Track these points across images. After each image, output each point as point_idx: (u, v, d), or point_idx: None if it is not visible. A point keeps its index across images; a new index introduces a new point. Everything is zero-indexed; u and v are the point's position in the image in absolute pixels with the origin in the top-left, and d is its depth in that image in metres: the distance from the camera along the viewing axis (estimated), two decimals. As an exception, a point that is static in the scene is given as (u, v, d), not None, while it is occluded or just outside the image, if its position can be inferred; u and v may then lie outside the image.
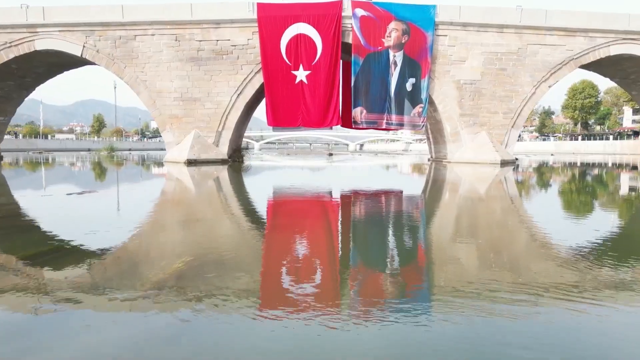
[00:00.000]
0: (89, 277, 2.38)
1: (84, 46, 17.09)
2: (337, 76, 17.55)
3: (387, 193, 7.28)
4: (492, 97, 17.66)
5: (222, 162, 16.61)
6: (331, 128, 19.34)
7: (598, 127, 56.06)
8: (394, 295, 2.11)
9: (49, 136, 66.70)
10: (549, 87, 18.11)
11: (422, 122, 18.18)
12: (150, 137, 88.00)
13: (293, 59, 17.18)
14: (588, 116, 51.97)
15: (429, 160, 21.36)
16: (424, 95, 17.94)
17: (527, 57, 17.57)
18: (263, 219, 4.44)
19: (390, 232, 3.79)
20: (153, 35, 16.97)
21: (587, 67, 18.38)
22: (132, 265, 2.65)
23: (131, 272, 2.51)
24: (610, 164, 18.54)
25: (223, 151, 17.50)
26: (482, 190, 7.90)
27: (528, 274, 2.51)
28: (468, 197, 6.79)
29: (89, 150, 41.43)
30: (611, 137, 44.07)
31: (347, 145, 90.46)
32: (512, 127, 18.24)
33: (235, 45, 17.31)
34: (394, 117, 18.48)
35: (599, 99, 51.29)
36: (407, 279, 2.39)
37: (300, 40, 16.99)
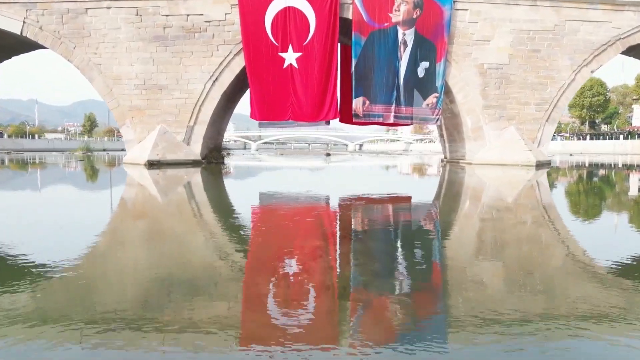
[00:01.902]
0: (28, 306, 2.02)
1: (24, 22, 15.18)
2: (334, 59, 15.76)
3: (393, 201, 6.37)
4: (522, 84, 15.91)
5: (193, 163, 15.14)
6: (328, 123, 17.58)
7: (604, 127, 52.20)
8: (403, 328, 1.80)
9: (37, 136, 69.47)
10: (592, 72, 16.61)
11: (437, 115, 16.34)
12: None
13: (280, 38, 15.36)
14: (596, 115, 48.29)
15: (442, 161, 20.30)
16: (439, 83, 15.99)
17: (566, 36, 15.71)
18: (244, 234, 3.83)
19: (398, 249, 3.25)
20: (108, 8, 15.16)
21: (631, 49, 16.73)
22: (84, 291, 2.23)
23: (82, 299, 2.10)
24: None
25: (195, 150, 15.82)
26: (517, 200, 6.87)
27: (566, 300, 2.12)
28: (497, 206, 5.85)
29: (62, 151, 41.63)
30: (621, 136, 44.75)
31: (347, 145, 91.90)
32: (547, 121, 16.34)
33: (209, 21, 15.38)
34: (403, 110, 16.39)
35: (608, 97, 47.50)
36: (419, 309, 2.02)
37: (289, 15, 15.20)
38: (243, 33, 14.88)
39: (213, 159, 16.94)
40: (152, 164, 13.95)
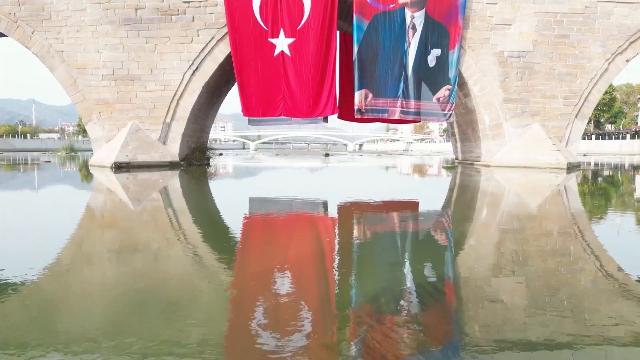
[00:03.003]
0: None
1: (-26, 2, 14.17)
2: (332, 46, 14.48)
3: (398, 208, 6.11)
4: (548, 75, 14.72)
5: (170, 165, 14.26)
6: (325, 120, 16.14)
7: (609, 126, 50.60)
8: (412, 356, 1.70)
9: (30, 136, 72.53)
10: (627, 61, 15.10)
11: (449, 110, 15.12)
12: None
13: (271, 21, 14.12)
14: (601, 114, 46.60)
15: (452, 162, 19.65)
16: (452, 73, 14.74)
17: (598, 20, 14.45)
18: (228, 248, 3.56)
19: (406, 265, 3.05)
20: (72, -14, 14.11)
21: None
22: (43, 314, 2.11)
23: (41, 324, 2.00)
24: None
25: (173, 151, 14.70)
26: (543, 207, 6.51)
27: (598, 324, 2.01)
28: (519, 215, 5.65)
29: (45, 151, 43.00)
30: (627, 136, 44.68)
31: (346, 145, 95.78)
32: (576, 117, 15.07)
33: (188, 2, 14.05)
34: (412, 104, 14.98)
35: (613, 95, 45.83)
36: (431, 334, 1.91)
37: (280, -6, 14.23)
38: (227, 15, 13.87)
39: (195, 160, 16.01)
40: (119, 167, 13.09)
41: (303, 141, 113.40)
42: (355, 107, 14.62)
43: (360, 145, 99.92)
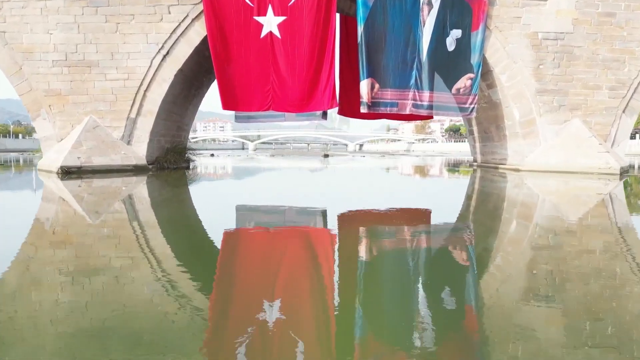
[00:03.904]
0: None
1: None
2: (331, 28, 14.56)
3: (408, 219, 6.20)
4: (591, 61, 14.86)
5: (135, 170, 14.27)
6: (324, 116, 16.43)
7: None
8: None
9: (21, 136, 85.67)
10: None
11: (472, 103, 15.22)
12: None
13: None
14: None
15: (470, 165, 20.05)
16: (475, 59, 14.87)
17: None
18: (205, 270, 3.56)
19: (420, 288, 3.08)
20: (16, -48, 14.23)
21: None
22: None
23: None
24: None
25: (139, 152, 14.76)
26: (586, 220, 6.62)
27: None
28: (555, 229, 5.66)
29: (22, 152, 52.32)
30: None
31: (346, 145, 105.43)
32: (624, 111, 15.21)
33: None
34: (426, 96, 15.12)
35: None
36: None
37: (268, -37, 14.45)
38: (205, -11, 14.14)
39: (169, 163, 16.08)
40: (68, 172, 12.96)
41: (303, 141, 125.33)
42: (361, 100, 14.69)
43: (361, 146, 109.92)
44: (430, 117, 17.20)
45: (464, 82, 14.79)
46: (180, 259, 3.87)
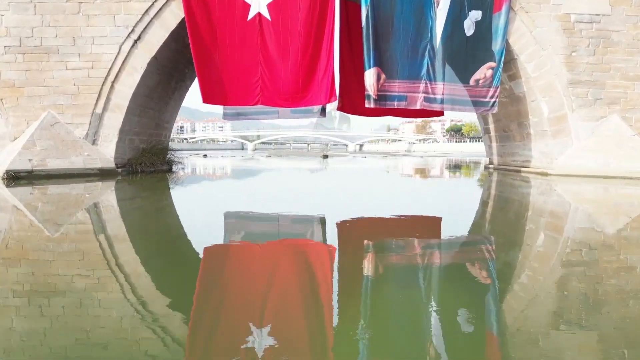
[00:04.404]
0: None
1: None
2: (329, 9, 14.67)
3: (419, 230, 6.37)
4: (631, 47, 14.92)
5: (100, 174, 14.31)
6: (323, 113, 16.61)
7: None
8: None
9: None
10: None
11: (493, 97, 15.30)
12: None
13: None
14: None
15: (486, 168, 20.15)
16: (497, 45, 14.96)
17: None
18: (183, 291, 3.53)
19: (433, 312, 3.09)
20: None
21: None
22: None
23: None
24: None
25: (106, 153, 14.83)
26: (624, 231, 6.60)
27: None
28: (589, 242, 5.66)
29: None
30: None
31: (346, 145, 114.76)
32: None
33: None
34: (439, 88, 15.23)
35: None
36: None
37: None
38: (182, -37, 14.23)
39: (144, 165, 16.15)
40: (15, 177, 12.93)
41: (303, 141, 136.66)
42: (366, 92, 14.71)
43: (361, 146, 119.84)
44: (441, 113, 17.34)
45: (483, 72, 14.79)
46: (154, 279, 3.86)
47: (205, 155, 42.31)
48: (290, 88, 14.74)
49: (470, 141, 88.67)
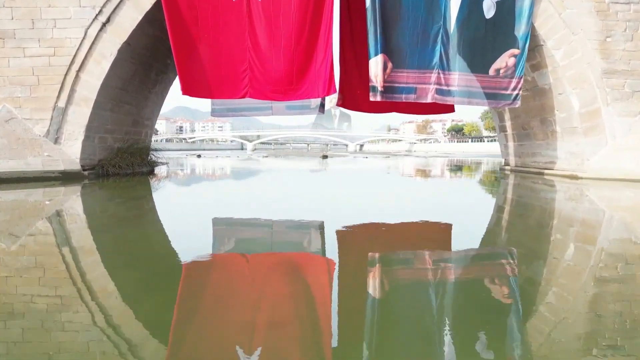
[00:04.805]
0: None
1: None
2: None
3: (428, 238, 6.11)
4: None
5: (62, 177, 13.21)
6: (322, 109, 15.53)
7: None
8: None
9: None
10: None
11: (516, 89, 14.03)
12: None
13: None
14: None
15: (501, 170, 19.40)
16: (521, 30, 13.81)
17: None
18: (161, 310, 3.45)
19: (447, 335, 2.94)
20: None
21: None
22: None
23: None
24: None
25: (70, 153, 13.69)
26: None
27: None
28: (626, 255, 5.44)
29: None
30: None
31: (347, 145, 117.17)
32: None
33: None
34: (454, 78, 13.96)
35: None
36: None
37: None
38: None
39: (118, 167, 15.20)
40: None
41: (303, 141, 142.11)
42: (371, 84, 13.83)
43: (361, 146, 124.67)
44: (451, 109, 16.67)
45: (505, 60, 13.90)
46: (126, 298, 3.71)
47: (199, 156, 43.82)
48: (283, 79, 13.92)
49: (471, 141, 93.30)
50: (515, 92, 14.08)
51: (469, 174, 20.70)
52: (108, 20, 13.31)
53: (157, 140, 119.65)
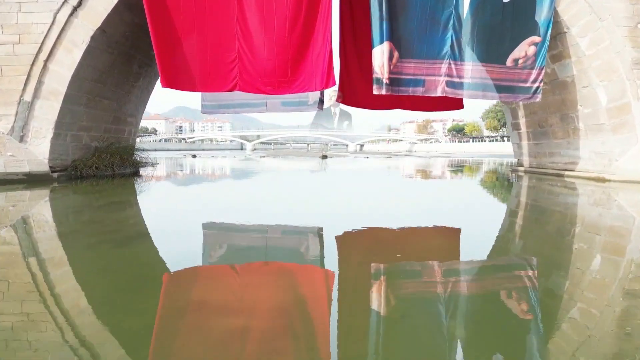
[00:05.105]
0: None
1: None
2: None
3: (439, 247, 5.70)
4: None
5: (28, 180, 12.30)
6: (320, 105, 14.39)
7: None
8: None
9: None
10: None
11: (537, 81, 12.58)
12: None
13: None
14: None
15: (514, 170, 18.69)
16: (543, 15, 12.55)
17: None
18: (139, 326, 3.16)
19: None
20: None
21: None
22: None
23: None
24: None
25: (37, 153, 12.66)
26: None
27: None
28: None
29: None
30: None
31: (347, 145, 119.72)
32: None
33: None
34: (467, 69, 12.58)
35: None
36: None
37: None
38: None
39: (94, 169, 14.12)
40: None
41: (303, 141, 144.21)
42: (374, 75, 12.63)
43: (362, 146, 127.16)
44: (460, 105, 16.01)
45: (524, 49, 12.69)
46: (100, 316, 3.40)
47: (194, 156, 43.96)
48: (276, 70, 12.79)
49: (473, 141, 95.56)
50: (535, 85, 12.89)
51: (477, 174, 20.28)
52: (79, 4, 12.42)
53: (155, 140, 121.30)
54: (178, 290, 4.16)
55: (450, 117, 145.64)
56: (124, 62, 15.01)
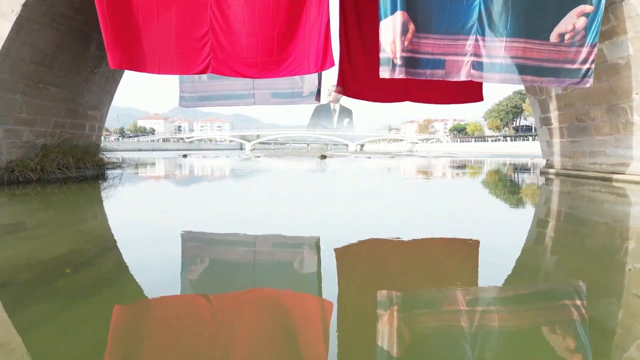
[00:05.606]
0: None
1: None
2: None
3: (457, 265, 4.63)
4: None
5: None
6: (317, 96, 12.73)
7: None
8: None
9: None
10: None
11: (587, 61, 10.15)
12: (129, 137, 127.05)
13: None
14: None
15: (542, 173, 16.16)
16: None
17: None
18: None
19: None
20: None
21: None
22: None
23: None
24: None
25: None
26: None
27: None
28: None
29: None
30: None
31: (347, 145, 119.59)
32: None
33: None
34: (499, 47, 10.12)
35: None
36: None
37: None
38: None
39: (36, 171, 11.59)
40: None
41: (303, 141, 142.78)
42: (382, 54, 10.06)
43: (362, 146, 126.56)
44: (479, 96, 13.84)
45: (572, 21, 10.11)
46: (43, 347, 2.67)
47: (185, 156, 41.37)
48: (259, 47, 10.20)
49: (474, 141, 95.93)
50: (585, 67, 10.39)
51: (489, 176, 18.13)
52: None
53: (153, 140, 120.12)
54: (130, 325, 3.10)
55: (451, 116, 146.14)
56: (77, 42, 12.49)
